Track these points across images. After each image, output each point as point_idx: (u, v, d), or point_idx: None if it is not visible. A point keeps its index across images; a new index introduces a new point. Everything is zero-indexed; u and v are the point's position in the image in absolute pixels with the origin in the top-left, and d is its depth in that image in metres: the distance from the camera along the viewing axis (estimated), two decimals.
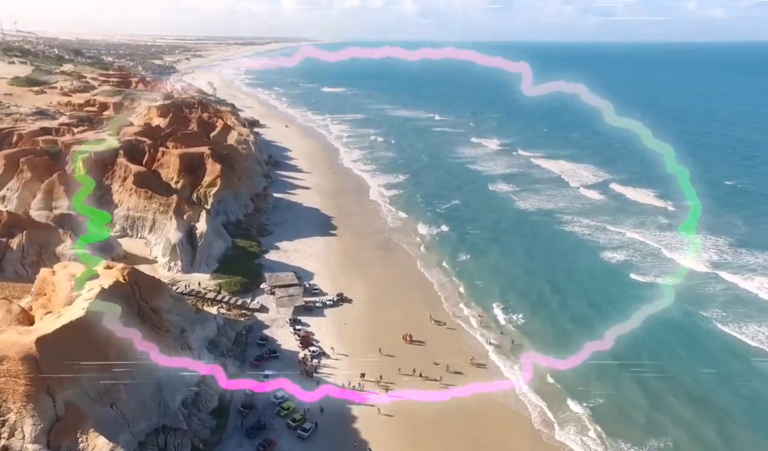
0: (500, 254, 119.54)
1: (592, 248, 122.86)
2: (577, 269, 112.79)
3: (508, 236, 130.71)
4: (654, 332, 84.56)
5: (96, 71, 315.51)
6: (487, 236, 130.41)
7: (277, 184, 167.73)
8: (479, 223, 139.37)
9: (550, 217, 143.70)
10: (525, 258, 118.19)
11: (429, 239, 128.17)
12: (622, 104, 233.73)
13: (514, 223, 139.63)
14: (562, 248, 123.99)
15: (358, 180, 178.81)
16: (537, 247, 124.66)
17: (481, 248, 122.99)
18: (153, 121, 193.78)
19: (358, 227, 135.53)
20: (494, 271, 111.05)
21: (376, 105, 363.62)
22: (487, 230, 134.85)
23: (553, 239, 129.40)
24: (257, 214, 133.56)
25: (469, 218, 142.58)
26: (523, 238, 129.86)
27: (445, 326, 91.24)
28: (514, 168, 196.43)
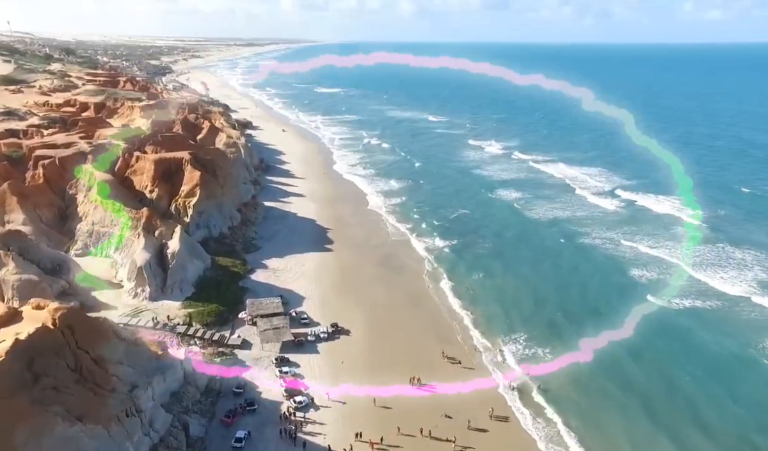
0: (515, 273, 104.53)
1: (605, 265, 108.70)
2: (591, 290, 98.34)
3: (520, 251, 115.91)
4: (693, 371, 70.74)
5: (83, 70, 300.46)
6: (498, 251, 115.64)
7: (268, 192, 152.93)
8: (488, 235, 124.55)
9: (561, 229, 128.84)
10: (543, 277, 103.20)
11: (435, 254, 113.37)
12: (622, 106, 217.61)
13: (525, 236, 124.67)
14: (577, 264, 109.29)
15: (356, 186, 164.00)
16: (555, 263, 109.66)
17: (493, 265, 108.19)
18: (135, 123, 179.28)
19: (356, 240, 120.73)
20: (511, 293, 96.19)
21: (372, 106, 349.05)
22: (497, 243, 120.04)
23: (566, 254, 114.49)
24: (244, 227, 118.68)
25: (476, 230, 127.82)
26: (535, 253, 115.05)
27: (460, 365, 76.39)
28: (517, 173, 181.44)
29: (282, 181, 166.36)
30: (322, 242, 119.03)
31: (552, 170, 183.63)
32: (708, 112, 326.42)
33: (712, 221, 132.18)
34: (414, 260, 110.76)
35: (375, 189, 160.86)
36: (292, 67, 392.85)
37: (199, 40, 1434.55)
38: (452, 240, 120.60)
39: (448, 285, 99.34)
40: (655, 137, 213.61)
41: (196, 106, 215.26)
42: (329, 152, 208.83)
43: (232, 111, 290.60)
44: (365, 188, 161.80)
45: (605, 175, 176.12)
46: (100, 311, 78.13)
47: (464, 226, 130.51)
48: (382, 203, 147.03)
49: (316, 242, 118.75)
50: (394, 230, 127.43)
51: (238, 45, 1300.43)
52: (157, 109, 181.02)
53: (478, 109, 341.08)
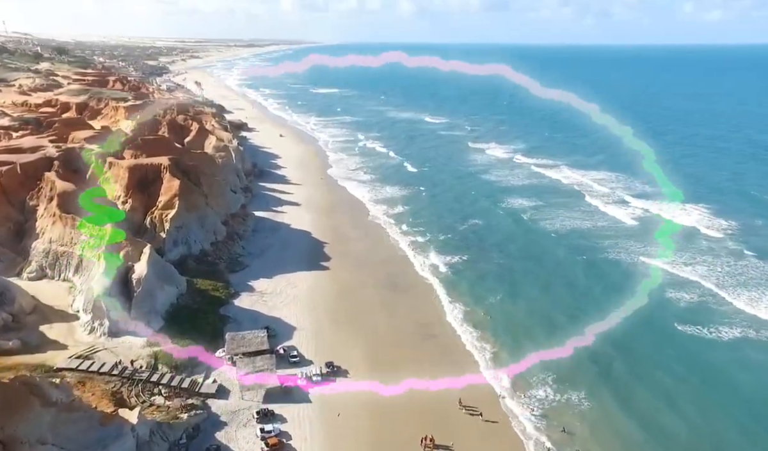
0: (535, 296, 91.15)
1: (627, 286, 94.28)
2: (618, 320, 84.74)
3: (537, 269, 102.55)
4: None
5: (72, 70, 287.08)
6: (513, 268, 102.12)
7: (260, 200, 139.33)
8: (499, 250, 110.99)
9: (575, 243, 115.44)
10: (564, 299, 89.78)
11: (444, 272, 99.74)
12: (626, 107, 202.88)
13: (539, 251, 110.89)
14: (597, 286, 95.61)
15: (356, 193, 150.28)
16: (575, 283, 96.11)
17: (510, 285, 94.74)
18: (119, 124, 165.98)
19: (356, 256, 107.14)
20: (537, 320, 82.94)
21: (370, 107, 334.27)
22: (510, 259, 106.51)
23: (584, 273, 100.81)
24: (230, 242, 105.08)
25: (486, 243, 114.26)
26: (555, 272, 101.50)
27: (480, 418, 62.89)
28: (523, 179, 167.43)
29: (276, 187, 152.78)
30: (318, 259, 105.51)
31: (558, 175, 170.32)
32: (713, 113, 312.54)
33: (736, 233, 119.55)
34: (421, 280, 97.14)
35: (376, 196, 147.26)
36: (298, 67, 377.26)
37: (199, 41, 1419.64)
38: (462, 255, 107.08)
39: (461, 311, 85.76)
40: (660, 140, 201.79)
41: (186, 107, 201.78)
42: (327, 156, 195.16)
43: (227, 112, 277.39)
44: (365, 195, 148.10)
45: (614, 181, 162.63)
46: (47, 352, 64.75)
47: (473, 239, 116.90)
48: (383, 213, 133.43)
49: (311, 258, 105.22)
50: (398, 244, 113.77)
51: (237, 46, 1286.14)
52: (143, 110, 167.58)
53: (478, 109, 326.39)
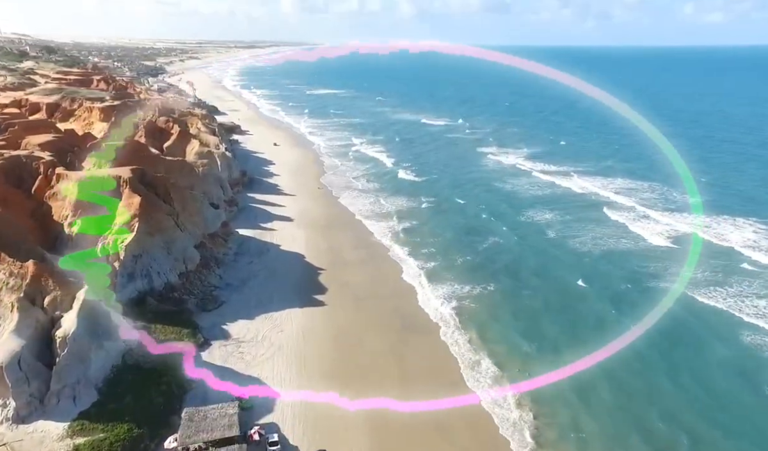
0: (567, 339, 72.11)
1: (666, 329, 75.59)
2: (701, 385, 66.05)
3: (582, 303, 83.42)
4: None
5: (56, 69, 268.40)
6: (553, 304, 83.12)
7: (247, 215, 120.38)
8: (529, 278, 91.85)
9: (604, 268, 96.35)
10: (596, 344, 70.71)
11: (466, 309, 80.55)
12: (638, 109, 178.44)
13: (566, 280, 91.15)
14: (630, 320, 76.43)
15: (355, 206, 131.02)
16: (604, 317, 76.96)
17: (546, 329, 75.79)
18: (93, 127, 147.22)
19: (357, 287, 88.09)
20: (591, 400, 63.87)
21: (369, 108, 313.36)
22: (547, 291, 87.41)
23: (630, 312, 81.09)
24: (204, 271, 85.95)
25: (513, 270, 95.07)
26: (584, 305, 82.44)
27: None
28: (538, 188, 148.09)
29: (267, 199, 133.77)
30: (311, 291, 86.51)
31: (569, 183, 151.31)
32: (723, 114, 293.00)
33: None
34: (439, 321, 77.87)
35: (377, 210, 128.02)
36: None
37: (200, 43, 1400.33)
38: (484, 285, 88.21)
39: (491, 369, 66.64)
40: (672, 144, 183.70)
41: (172, 109, 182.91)
42: (324, 162, 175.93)
43: (220, 113, 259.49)
44: (365, 208, 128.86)
45: (633, 192, 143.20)
46: None
47: (493, 264, 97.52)
48: (385, 230, 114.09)
49: (303, 290, 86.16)
50: (403, 271, 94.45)
51: (238, 47, 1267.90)
52: (120, 111, 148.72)
53: (479, 110, 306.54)
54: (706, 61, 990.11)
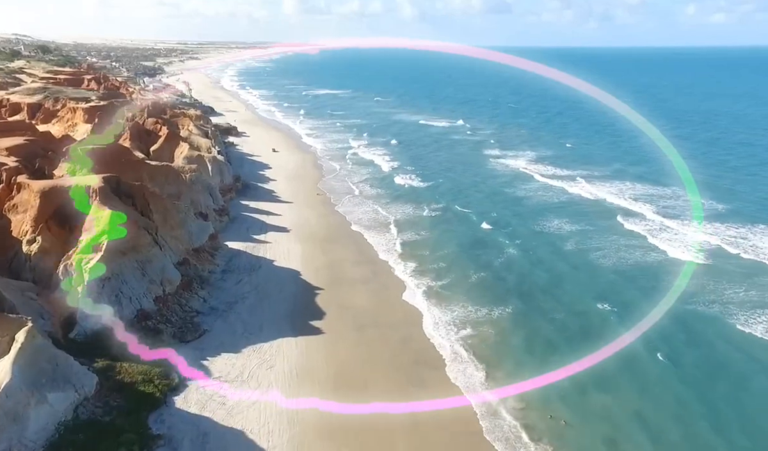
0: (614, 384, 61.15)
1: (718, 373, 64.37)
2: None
3: (605, 330, 72.06)
4: None
5: (48, 68, 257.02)
6: (572, 331, 72.05)
7: (239, 225, 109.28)
8: (544, 300, 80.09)
9: (640, 290, 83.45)
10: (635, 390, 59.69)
11: (485, 345, 69.06)
12: (640, 109, 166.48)
13: (598, 301, 79.21)
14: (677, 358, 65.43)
15: (356, 214, 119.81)
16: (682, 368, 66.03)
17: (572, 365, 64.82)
18: (77, 129, 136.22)
19: (359, 311, 76.93)
20: None
21: (368, 109, 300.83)
22: (565, 315, 76.27)
23: (686, 352, 70.44)
24: (186, 293, 74.78)
25: (526, 290, 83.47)
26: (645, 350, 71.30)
27: None
28: (546, 195, 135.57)
29: (261, 206, 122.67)
30: (308, 316, 75.39)
31: (577, 189, 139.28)
32: (732, 115, 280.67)
33: None
34: (450, 356, 66.57)
35: (381, 219, 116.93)
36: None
37: (201, 44, 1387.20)
38: (495, 308, 76.90)
39: (513, 423, 55.48)
40: (683, 147, 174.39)
41: (163, 109, 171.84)
42: (324, 166, 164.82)
43: (216, 114, 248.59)
44: (368, 217, 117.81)
45: (647, 198, 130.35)
46: None
47: (504, 283, 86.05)
48: (389, 243, 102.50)
49: (298, 316, 75.03)
50: (411, 291, 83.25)
51: (239, 48, 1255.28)
52: (105, 112, 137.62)
53: (480, 110, 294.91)
54: (709, 62, 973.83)
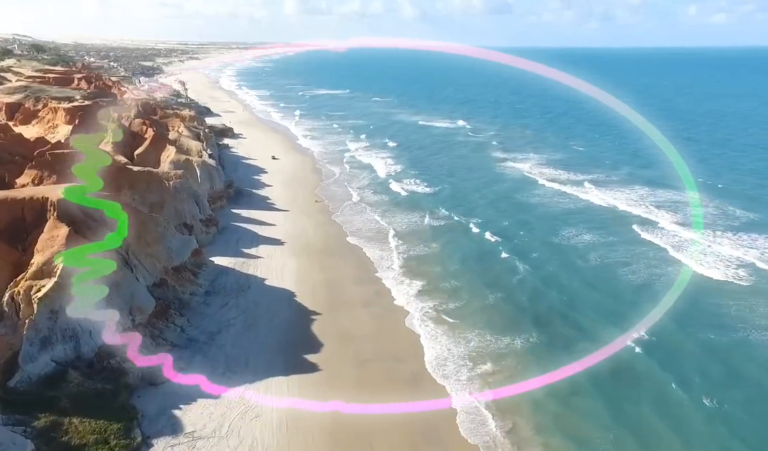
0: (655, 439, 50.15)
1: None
2: None
3: (644, 377, 61.20)
4: None
5: (36, 67, 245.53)
6: (602, 379, 60.98)
7: (228, 237, 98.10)
8: (563, 330, 68.29)
9: (670, 315, 72.52)
10: None
11: (499, 378, 58.50)
12: (644, 110, 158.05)
13: (628, 338, 68.06)
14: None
15: (357, 224, 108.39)
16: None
17: (602, 418, 53.70)
18: (57, 130, 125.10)
19: (362, 342, 65.67)
20: None
21: (366, 109, 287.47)
22: (589, 350, 65.08)
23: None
24: (160, 322, 63.63)
25: (541, 316, 71.75)
26: (663, 378, 59.87)
27: None
28: (555, 202, 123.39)
29: (254, 215, 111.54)
30: (301, 348, 64.35)
31: (588, 196, 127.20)
32: (743, 116, 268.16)
33: None
34: (463, 408, 55.34)
35: (380, 230, 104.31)
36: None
37: (202, 44, 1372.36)
38: (509, 340, 65.70)
39: None
40: (692, 150, 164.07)
41: (154, 109, 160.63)
42: (321, 170, 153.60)
43: (213, 115, 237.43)
44: (369, 228, 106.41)
45: (662, 206, 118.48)
46: None
47: (516, 307, 74.41)
48: (392, 259, 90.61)
49: (291, 348, 63.97)
50: (417, 318, 71.54)
51: (240, 48, 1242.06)
52: (88, 113, 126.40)
53: (478, 111, 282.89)
54: (711, 62, 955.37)
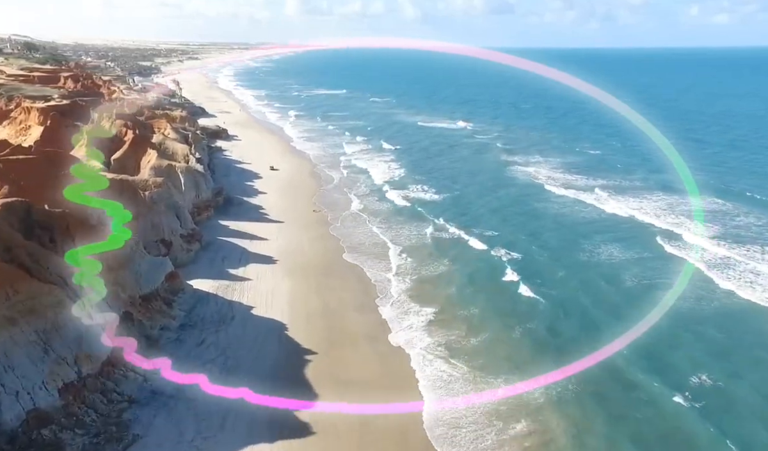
0: None
1: None
2: None
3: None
4: None
5: (23, 65, 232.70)
6: (648, 440, 48.39)
7: (213, 255, 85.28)
8: (630, 401, 56.81)
9: (721, 363, 58.61)
10: None
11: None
12: (647, 110, 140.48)
13: (671, 391, 54.06)
14: None
15: (357, 237, 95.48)
16: None
17: None
18: (29, 132, 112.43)
19: (365, 396, 53.19)
20: None
21: (365, 110, 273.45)
22: (627, 409, 52.14)
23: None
24: (117, 371, 50.91)
25: (564, 358, 59.97)
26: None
27: None
28: (566, 212, 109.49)
29: (245, 228, 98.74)
30: (293, 398, 51.70)
31: (602, 204, 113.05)
32: (753, 117, 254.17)
33: None
34: None
35: (385, 246, 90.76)
36: None
37: (203, 45, 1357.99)
38: (531, 394, 53.22)
39: None
40: (700, 152, 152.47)
41: (141, 109, 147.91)
42: (320, 175, 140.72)
43: (208, 115, 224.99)
44: (373, 241, 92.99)
45: (684, 216, 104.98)
46: None
47: (535, 345, 61.69)
48: (399, 282, 76.96)
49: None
50: (433, 362, 58.61)
51: (241, 48, 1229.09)
52: (64, 113, 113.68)
53: (479, 111, 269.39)
54: (714, 63, 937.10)
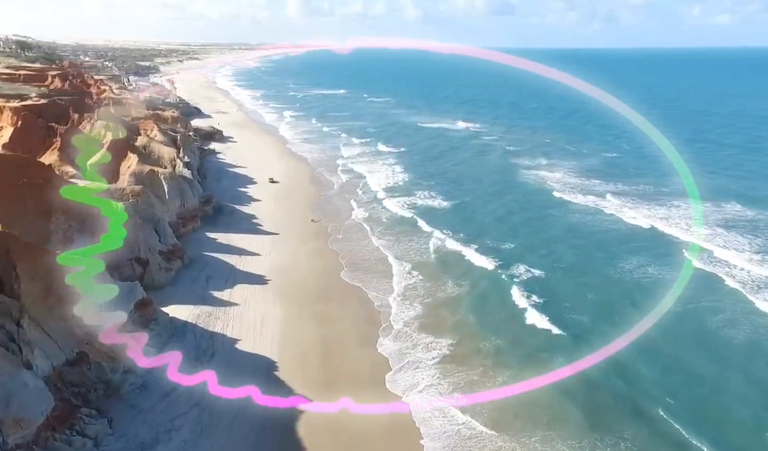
0: None
1: None
2: None
3: None
4: None
5: (10, 64, 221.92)
6: None
7: (196, 274, 74.39)
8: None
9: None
10: None
11: None
12: (660, 112, 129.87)
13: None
14: None
15: (359, 251, 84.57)
16: None
17: None
18: (2, 133, 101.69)
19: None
20: None
21: (365, 110, 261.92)
22: None
23: None
24: (56, 436, 40.21)
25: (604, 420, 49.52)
26: None
27: None
28: (579, 222, 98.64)
29: (234, 241, 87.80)
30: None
31: (620, 213, 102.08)
32: (764, 118, 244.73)
33: None
34: None
35: (388, 263, 79.25)
36: None
37: (204, 45, 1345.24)
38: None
39: None
40: (704, 154, 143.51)
41: (127, 110, 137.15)
42: (319, 180, 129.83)
43: (203, 116, 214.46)
44: (372, 257, 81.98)
45: (712, 227, 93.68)
46: None
47: (586, 408, 51.85)
48: (406, 311, 66.08)
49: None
50: (454, 418, 48.21)
51: (242, 49, 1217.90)
52: (39, 113, 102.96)
53: (479, 112, 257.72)
54: (716, 63, 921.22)
